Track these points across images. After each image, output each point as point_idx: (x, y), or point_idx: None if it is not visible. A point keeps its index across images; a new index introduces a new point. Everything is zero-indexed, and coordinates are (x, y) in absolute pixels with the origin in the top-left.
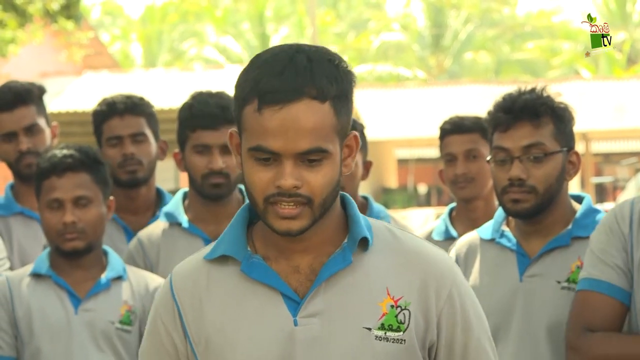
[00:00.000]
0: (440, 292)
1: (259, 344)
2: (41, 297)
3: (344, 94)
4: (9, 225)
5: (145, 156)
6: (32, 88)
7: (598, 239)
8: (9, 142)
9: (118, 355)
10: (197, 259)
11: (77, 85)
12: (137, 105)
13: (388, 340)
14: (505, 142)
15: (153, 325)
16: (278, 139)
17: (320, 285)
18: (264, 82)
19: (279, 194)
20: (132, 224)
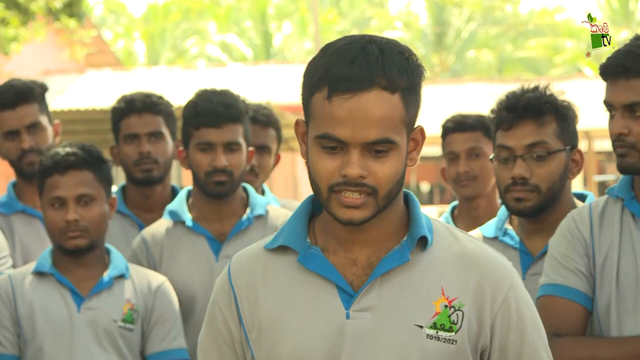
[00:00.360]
0: (496, 295)
1: (309, 334)
2: (44, 295)
3: (413, 87)
4: (11, 223)
5: (161, 155)
6: (34, 86)
7: (558, 244)
8: (12, 140)
9: (120, 354)
10: (257, 248)
11: (80, 84)
12: (155, 104)
13: (439, 339)
14: (508, 141)
15: (211, 311)
16: (346, 128)
17: (375, 280)
18: (335, 70)
19: (344, 183)
20: (147, 222)
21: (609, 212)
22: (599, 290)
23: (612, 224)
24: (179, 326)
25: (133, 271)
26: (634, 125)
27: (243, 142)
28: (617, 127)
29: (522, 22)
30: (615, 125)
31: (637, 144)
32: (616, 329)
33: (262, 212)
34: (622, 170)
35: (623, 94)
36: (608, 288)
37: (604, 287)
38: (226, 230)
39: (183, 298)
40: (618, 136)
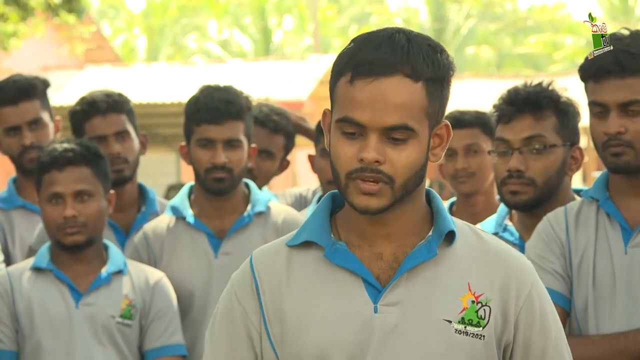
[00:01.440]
0: (520, 292)
1: (336, 327)
2: (42, 291)
3: (439, 79)
4: (11, 218)
5: (129, 153)
6: (36, 82)
7: (535, 245)
8: (13, 136)
9: (118, 349)
10: (279, 244)
11: (79, 79)
12: (117, 102)
13: (468, 334)
14: (506, 134)
15: (227, 303)
16: (366, 111)
17: (402, 275)
18: (360, 54)
19: (361, 169)
20: (119, 221)
21: (584, 213)
22: (576, 291)
23: (587, 224)
24: (177, 322)
25: (131, 267)
26: (630, 124)
27: (244, 139)
28: (614, 126)
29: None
30: (612, 124)
31: (633, 142)
32: (594, 327)
33: (263, 209)
34: (617, 170)
35: (619, 93)
36: (585, 288)
37: (581, 287)
38: (226, 226)
39: (181, 294)
40: (615, 135)
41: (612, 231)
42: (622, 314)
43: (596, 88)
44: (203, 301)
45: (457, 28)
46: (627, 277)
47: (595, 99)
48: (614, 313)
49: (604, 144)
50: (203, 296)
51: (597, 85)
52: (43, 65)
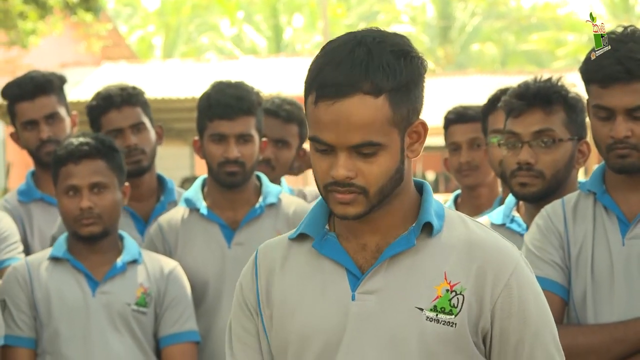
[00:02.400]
0: (497, 281)
1: (316, 314)
2: (59, 280)
3: (403, 86)
4: (30, 210)
5: (147, 145)
6: (53, 78)
7: (534, 237)
8: (31, 130)
9: (134, 336)
10: (283, 238)
11: (96, 76)
12: (132, 95)
13: (439, 322)
14: (516, 127)
15: (237, 295)
16: (331, 132)
17: (382, 264)
18: (322, 75)
19: (334, 183)
20: (138, 210)
21: (582, 206)
22: (574, 281)
23: (585, 217)
24: (191, 309)
25: (146, 257)
26: (636, 128)
27: (255, 133)
28: (622, 131)
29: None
30: (620, 129)
31: (639, 145)
32: (592, 317)
33: (274, 201)
34: (622, 170)
35: (626, 98)
36: (583, 278)
37: (580, 278)
38: (239, 218)
39: (196, 283)
40: (623, 139)
41: (610, 223)
42: (620, 303)
43: (602, 93)
44: (217, 290)
45: (462, 25)
46: (625, 268)
47: (600, 103)
48: (612, 303)
49: (609, 146)
50: (217, 286)
51: (603, 90)
52: (61, 62)
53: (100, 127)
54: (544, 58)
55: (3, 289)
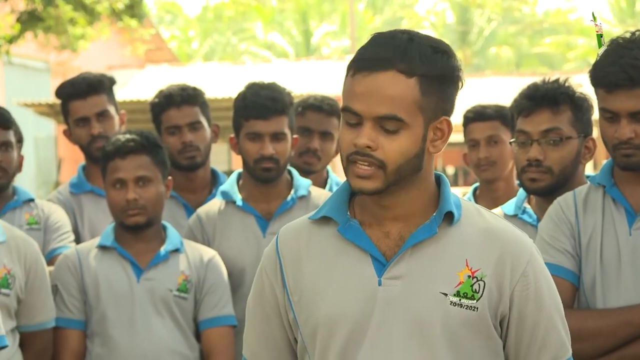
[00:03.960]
0: (515, 269)
1: (344, 297)
2: (107, 267)
3: (435, 76)
4: (81, 202)
5: (201, 142)
6: (103, 79)
7: (547, 227)
8: (82, 127)
9: (175, 320)
10: (303, 220)
11: (140, 77)
12: (191, 95)
13: (462, 306)
14: (526, 126)
15: (258, 277)
16: (362, 102)
17: (406, 251)
18: (363, 51)
19: (356, 153)
20: (191, 202)
21: (592, 198)
22: (584, 268)
23: (595, 208)
24: (228, 295)
25: (187, 246)
26: (639, 129)
27: (288, 131)
28: (626, 133)
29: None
30: (624, 131)
31: None
32: (601, 302)
33: (305, 193)
34: (627, 168)
35: (629, 103)
36: (593, 266)
37: (589, 265)
38: (272, 209)
39: (233, 271)
40: (627, 140)
41: (618, 215)
42: (627, 289)
43: (607, 97)
44: (252, 277)
45: (480, 30)
46: (632, 256)
47: (606, 106)
48: (619, 288)
49: (615, 145)
50: (253, 273)
51: (608, 94)
52: (108, 64)
53: (161, 123)
54: (556, 60)
55: (55, 275)
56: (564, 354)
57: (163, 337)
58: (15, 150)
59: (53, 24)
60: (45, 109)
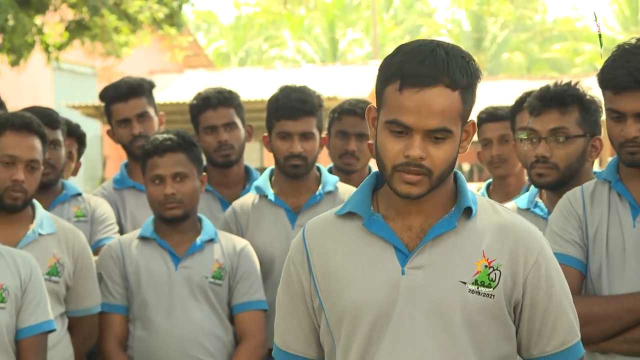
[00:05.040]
0: (528, 259)
1: (370, 286)
2: (147, 256)
3: (471, 86)
4: (123, 197)
5: (236, 141)
6: (143, 82)
7: (556, 219)
8: (124, 127)
9: (211, 305)
10: (329, 215)
11: (179, 82)
12: (227, 98)
13: (480, 294)
14: (535, 125)
15: (286, 267)
16: (412, 116)
17: (427, 243)
18: (407, 67)
19: (406, 164)
20: (226, 196)
21: (598, 192)
22: (591, 257)
23: (601, 202)
24: (259, 282)
25: (221, 236)
26: None
27: (316, 131)
28: (632, 132)
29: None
30: (630, 130)
31: None
32: (607, 289)
33: (332, 189)
34: (632, 164)
35: (635, 104)
36: (599, 255)
37: (596, 255)
38: (301, 203)
39: (264, 259)
40: (633, 139)
41: (622, 208)
42: (631, 277)
43: (614, 98)
44: (282, 266)
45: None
46: (635, 247)
47: (613, 106)
48: (623, 277)
49: (620, 143)
50: (282, 261)
51: (615, 96)
52: (149, 69)
53: (199, 124)
54: (564, 65)
55: (100, 264)
56: (572, 338)
57: (199, 320)
58: (63, 148)
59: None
60: (91, 110)
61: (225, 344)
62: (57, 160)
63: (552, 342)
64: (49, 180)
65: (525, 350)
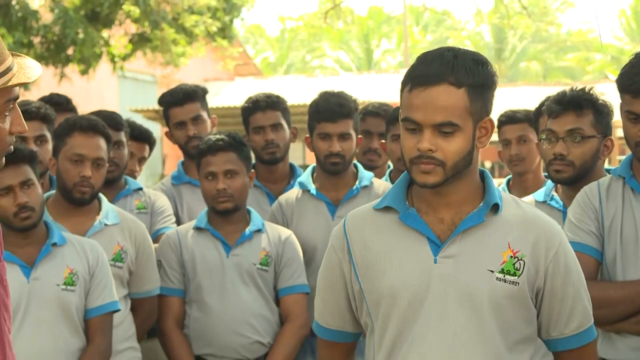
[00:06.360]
0: (549, 250)
1: (405, 273)
2: (201, 244)
3: (479, 85)
4: (180, 191)
5: (281, 140)
6: (197, 89)
7: (575, 211)
8: (180, 129)
9: (259, 288)
10: (367, 208)
11: (230, 88)
12: (274, 102)
13: (506, 281)
14: (553, 126)
15: (327, 254)
16: (420, 112)
17: (457, 235)
18: (417, 69)
19: (419, 156)
20: (272, 191)
21: (613, 187)
22: (606, 246)
23: (615, 196)
24: (302, 268)
25: (267, 227)
26: None
27: (353, 132)
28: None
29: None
30: None
31: None
32: (621, 275)
33: (368, 183)
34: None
35: None
36: (614, 244)
37: (611, 244)
38: (340, 197)
39: (307, 248)
40: None
41: (635, 202)
42: None
43: (632, 101)
44: (322, 254)
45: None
46: None
47: (631, 109)
48: (637, 264)
49: (636, 142)
50: (323, 249)
51: (634, 99)
52: (203, 77)
53: (249, 124)
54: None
55: (159, 251)
56: (587, 322)
57: (249, 302)
58: (125, 148)
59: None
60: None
61: (272, 324)
62: (120, 158)
63: (570, 325)
64: (113, 176)
65: (545, 332)
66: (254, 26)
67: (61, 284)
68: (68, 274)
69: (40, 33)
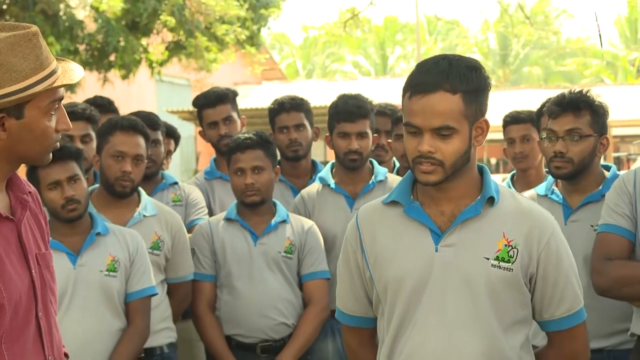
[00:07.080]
0: (541, 239)
1: (408, 261)
2: (231, 234)
3: (473, 90)
4: (212, 185)
5: (304, 139)
6: (228, 92)
7: (611, 196)
8: (213, 129)
9: (284, 274)
10: (377, 202)
11: (258, 91)
12: (298, 104)
13: (500, 268)
14: (554, 126)
15: (344, 244)
16: (419, 118)
17: (456, 226)
18: (414, 78)
19: (420, 157)
20: (296, 185)
21: None
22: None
23: None
24: (323, 255)
25: (292, 218)
26: None
27: (369, 131)
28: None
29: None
30: None
31: None
32: None
33: (382, 178)
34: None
35: None
36: None
37: None
38: (357, 190)
39: (327, 237)
40: None
41: None
42: None
43: None
44: (342, 242)
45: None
46: None
47: None
48: None
49: None
50: (342, 238)
51: None
52: (233, 81)
53: (275, 124)
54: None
55: (193, 240)
56: (577, 305)
57: (275, 287)
58: (162, 146)
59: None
60: (187, 115)
61: (296, 307)
62: (157, 155)
63: (560, 308)
64: (151, 172)
65: (538, 315)
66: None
67: (104, 270)
68: (110, 261)
69: (85, 41)
